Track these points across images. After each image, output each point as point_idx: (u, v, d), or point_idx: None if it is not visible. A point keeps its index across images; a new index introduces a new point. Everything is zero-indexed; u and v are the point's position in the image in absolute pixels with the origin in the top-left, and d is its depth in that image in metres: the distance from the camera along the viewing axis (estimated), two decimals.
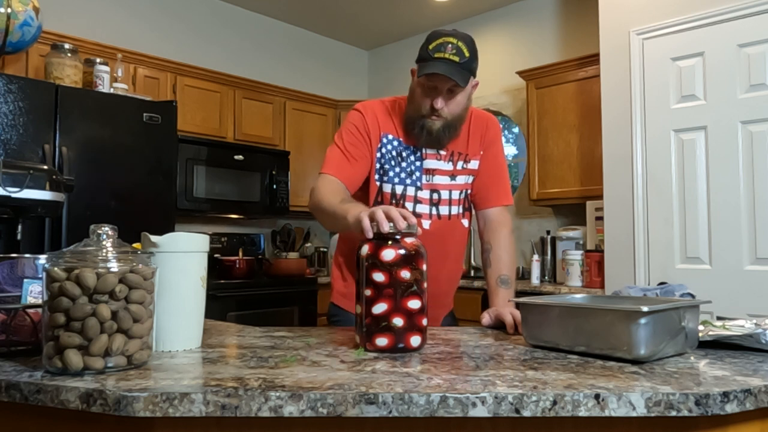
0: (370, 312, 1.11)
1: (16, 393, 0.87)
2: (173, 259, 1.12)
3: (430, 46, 1.47)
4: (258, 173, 3.99)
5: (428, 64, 1.45)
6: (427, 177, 1.62)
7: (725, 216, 2.66)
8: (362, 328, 1.12)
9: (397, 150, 1.61)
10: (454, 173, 1.64)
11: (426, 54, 1.47)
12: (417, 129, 1.55)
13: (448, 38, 1.46)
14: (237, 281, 3.65)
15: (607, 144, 3.06)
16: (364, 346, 1.12)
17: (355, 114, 1.63)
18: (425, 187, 1.62)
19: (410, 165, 1.61)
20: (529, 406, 0.80)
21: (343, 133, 1.62)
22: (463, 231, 1.70)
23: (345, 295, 1.72)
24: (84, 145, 2.84)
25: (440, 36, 1.47)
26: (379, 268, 1.10)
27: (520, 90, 4.14)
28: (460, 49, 1.45)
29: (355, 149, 1.58)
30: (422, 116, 1.53)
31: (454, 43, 1.45)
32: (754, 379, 0.90)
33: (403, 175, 1.60)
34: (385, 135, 1.61)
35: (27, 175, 1.70)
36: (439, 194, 1.63)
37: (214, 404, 0.80)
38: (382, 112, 1.63)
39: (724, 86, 2.68)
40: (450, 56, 1.44)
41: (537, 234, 4.01)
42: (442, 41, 1.45)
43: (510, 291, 1.59)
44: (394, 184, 1.60)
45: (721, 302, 2.40)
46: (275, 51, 4.68)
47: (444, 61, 1.44)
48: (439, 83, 1.47)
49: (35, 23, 2.81)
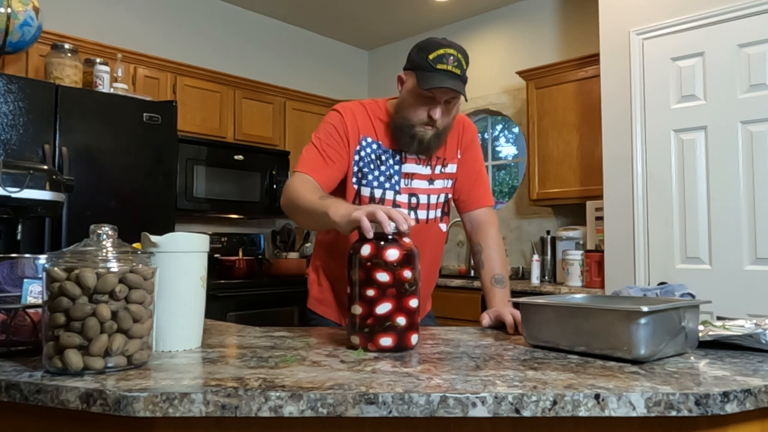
0: (373, 312, 1.11)
1: (16, 393, 0.87)
2: (173, 259, 1.12)
3: (430, 57, 1.43)
4: (258, 173, 3.99)
5: (432, 76, 1.43)
6: (406, 181, 1.61)
7: (725, 216, 2.66)
8: (364, 328, 1.12)
9: (376, 153, 1.59)
10: (432, 177, 1.64)
11: (426, 64, 1.44)
12: (407, 137, 1.53)
13: (448, 50, 1.44)
14: (237, 281, 3.65)
15: (607, 144, 3.06)
16: (365, 346, 1.12)
17: (334, 114, 1.60)
18: (404, 191, 1.61)
19: (389, 169, 1.59)
20: (529, 406, 0.80)
21: (320, 133, 1.58)
22: (440, 235, 1.70)
23: (320, 300, 1.73)
24: (84, 145, 2.84)
25: (439, 46, 1.44)
26: (384, 268, 1.11)
27: (520, 90, 4.14)
28: (460, 62, 1.45)
29: (332, 150, 1.55)
30: (413, 125, 1.52)
31: (454, 55, 1.44)
32: (754, 379, 0.90)
33: (382, 178, 1.58)
34: (364, 138, 1.58)
35: (27, 175, 1.70)
36: (418, 198, 1.63)
37: (214, 404, 0.80)
38: (361, 115, 1.60)
39: (724, 86, 2.68)
40: (452, 69, 1.43)
41: (537, 234, 4.01)
42: (443, 52, 1.43)
43: (506, 290, 1.59)
44: (373, 187, 1.58)
45: (721, 302, 2.41)
46: (275, 51, 4.68)
47: (448, 74, 1.42)
48: (439, 94, 1.46)
49: (35, 23, 2.81)
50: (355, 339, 1.14)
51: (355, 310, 1.14)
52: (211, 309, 2.34)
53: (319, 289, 1.74)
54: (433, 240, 1.68)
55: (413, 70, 1.48)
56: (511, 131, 4.73)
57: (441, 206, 1.67)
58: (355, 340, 1.14)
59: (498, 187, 4.79)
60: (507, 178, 4.85)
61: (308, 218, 1.40)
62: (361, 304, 1.13)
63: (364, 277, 1.12)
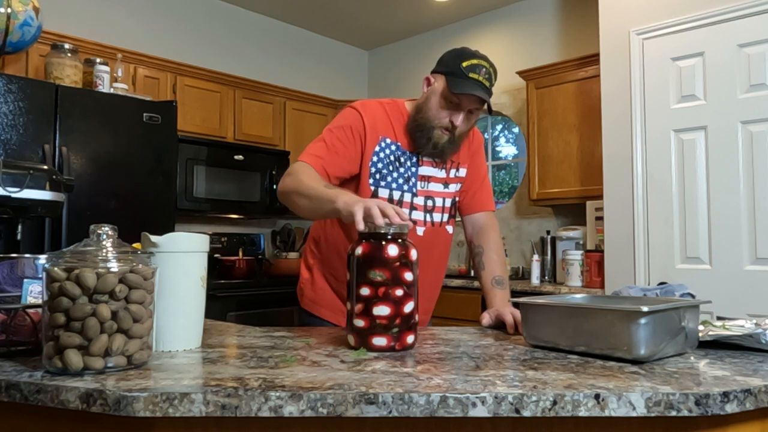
0: (366, 311, 1.11)
1: (16, 393, 0.87)
2: (173, 259, 1.12)
3: (463, 64, 1.46)
4: (258, 173, 3.99)
5: (464, 82, 1.45)
6: (422, 184, 1.61)
7: (725, 216, 2.66)
8: (358, 327, 1.13)
9: (395, 155, 1.57)
10: (447, 181, 1.66)
11: (458, 70, 1.46)
12: (423, 138, 1.54)
13: (482, 61, 1.48)
14: (237, 281, 3.65)
15: (607, 144, 3.06)
16: (358, 346, 1.12)
17: (352, 112, 1.57)
18: (420, 193, 1.61)
19: (407, 171, 1.59)
20: (529, 406, 0.80)
21: (333, 128, 1.56)
22: (448, 237, 1.72)
23: (315, 301, 1.70)
24: (84, 145, 2.84)
25: (473, 56, 1.48)
26: (378, 267, 1.11)
27: (520, 90, 4.14)
28: (491, 76, 1.49)
29: (342, 146, 1.52)
30: (433, 127, 1.52)
31: (487, 67, 1.48)
32: (754, 379, 0.90)
33: (400, 180, 1.58)
34: (383, 138, 1.56)
35: (27, 175, 1.70)
36: (434, 201, 1.64)
37: (214, 404, 0.80)
38: (381, 114, 1.58)
39: (724, 86, 2.68)
40: (483, 80, 1.47)
41: (537, 234, 4.01)
42: (477, 63, 1.47)
43: (506, 291, 1.60)
44: (392, 189, 1.57)
45: (721, 302, 2.41)
46: (275, 51, 4.68)
47: (479, 84, 1.46)
48: (465, 102, 1.49)
49: (35, 23, 2.81)
50: (351, 338, 1.14)
51: (349, 308, 1.14)
52: (211, 309, 2.34)
53: (312, 289, 1.71)
54: (443, 243, 1.69)
55: (445, 74, 1.50)
56: (511, 131, 4.73)
57: (450, 210, 1.69)
58: (350, 340, 1.15)
59: (498, 187, 4.79)
60: (507, 178, 4.85)
61: (310, 204, 1.39)
62: (355, 303, 1.13)
63: (357, 276, 1.12)
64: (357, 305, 1.13)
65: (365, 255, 1.12)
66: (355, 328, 1.13)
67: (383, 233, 1.13)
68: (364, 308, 1.12)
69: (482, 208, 1.73)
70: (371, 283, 1.11)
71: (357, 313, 1.13)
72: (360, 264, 1.13)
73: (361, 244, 1.14)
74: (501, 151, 4.82)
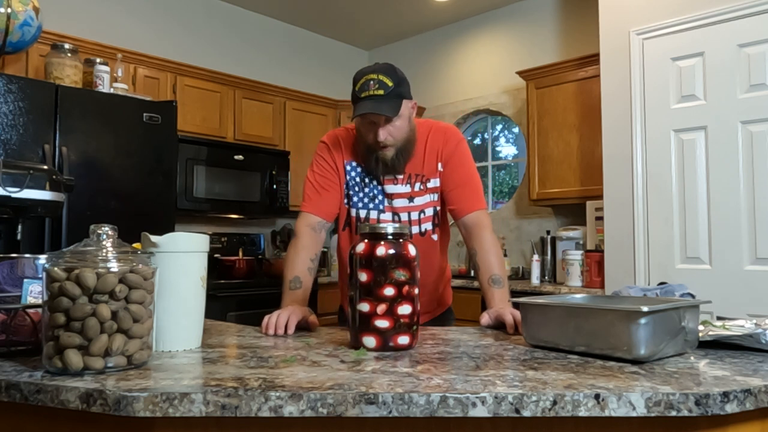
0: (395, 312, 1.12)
1: (16, 393, 0.87)
2: (173, 259, 1.12)
3: (356, 87, 1.57)
4: (258, 173, 3.99)
5: (357, 106, 1.56)
6: (388, 201, 1.72)
7: (725, 216, 2.66)
8: (354, 326, 1.13)
9: (360, 176, 1.72)
10: (413, 195, 1.71)
11: (354, 96, 1.58)
12: (373, 162, 1.65)
13: (369, 75, 1.56)
14: (237, 281, 3.65)
15: (607, 144, 3.06)
16: (354, 346, 1.12)
17: (321, 146, 1.76)
18: (387, 210, 1.72)
19: (372, 190, 1.72)
20: (529, 406, 0.80)
21: (314, 166, 1.75)
22: (434, 244, 1.76)
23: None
24: (84, 145, 2.84)
25: (362, 76, 1.57)
26: (368, 267, 1.12)
27: (520, 90, 4.15)
28: (383, 82, 1.55)
29: (324, 180, 1.71)
30: (372, 150, 1.62)
31: (375, 78, 1.55)
32: (754, 379, 0.90)
33: (366, 200, 1.72)
34: (348, 163, 1.72)
35: (27, 175, 1.70)
36: (399, 217, 1.72)
37: (214, 404, 0.80)
38: (345, 140, 1.73)
39: (724, 86, 2.68)
40: (374, 92, 1.54)
41: (537, 234, 4.01)
42: (364, 80, 1.56)
43: (504, 290, 1.58)
44: (359, 208, 1.72)
45: (721, 302, 2.41)
46: (275, 51, 4.68)
47: (370, 99, 1.54)
48: (374, 118, 1.57)
49: (35, 23, 2.81)
50: (370, 341, 1.14)
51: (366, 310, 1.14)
52: (211, 309, 2.33)
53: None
54: (428, 250, 1.72)
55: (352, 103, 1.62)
56: (511, 131, 4.73)
57: (431, 219, 1.74)
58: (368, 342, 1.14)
59: (498, 187, 4.79)
60: (507, 178, 4.85)
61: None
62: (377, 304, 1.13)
63: (379, 276, 1.13)
64: (380, 306, 1.12)
65: (389, 255, 1.12)
66: (378, 330, 1.12)
67: (382, 233, 1.15)
68: (388, 308, 1.12)
69: (470, 209, 1.71)
70: (396, 283, 1.11)
71: (380, 314, 1.12)
72: (382, 264, 1.12)
73: (380, 244, 1.13)
74: (501, 151, 4.82)
